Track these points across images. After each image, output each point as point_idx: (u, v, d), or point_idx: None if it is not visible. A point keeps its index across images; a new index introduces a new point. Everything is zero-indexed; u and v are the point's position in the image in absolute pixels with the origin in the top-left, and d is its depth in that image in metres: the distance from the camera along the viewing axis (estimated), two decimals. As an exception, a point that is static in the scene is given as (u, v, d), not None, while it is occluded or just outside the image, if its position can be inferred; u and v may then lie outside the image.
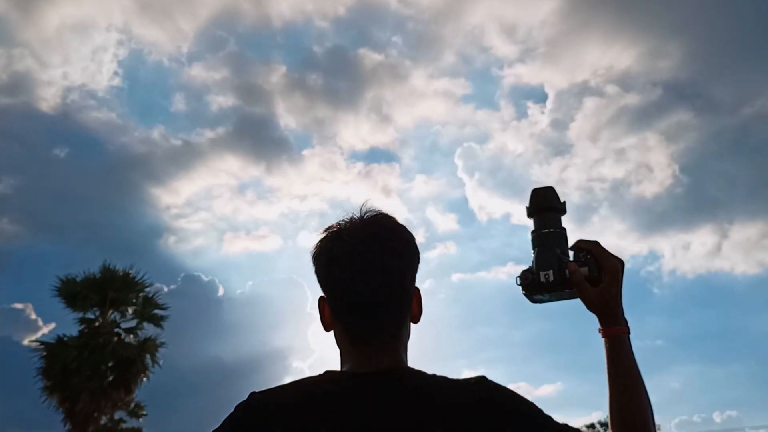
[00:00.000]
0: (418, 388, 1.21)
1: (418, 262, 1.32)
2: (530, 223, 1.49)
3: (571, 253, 1.42)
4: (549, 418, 1.24)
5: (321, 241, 1.32)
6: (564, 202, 1.48)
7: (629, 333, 1.44)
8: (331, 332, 1.32)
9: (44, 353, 16.93)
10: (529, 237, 1.45)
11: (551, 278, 1.38)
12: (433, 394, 1.20)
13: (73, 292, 17.42)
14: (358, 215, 1.31)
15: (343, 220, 1.32)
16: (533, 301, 1.44)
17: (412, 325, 1.34)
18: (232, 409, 1.22)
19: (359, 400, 1.17)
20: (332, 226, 1.32)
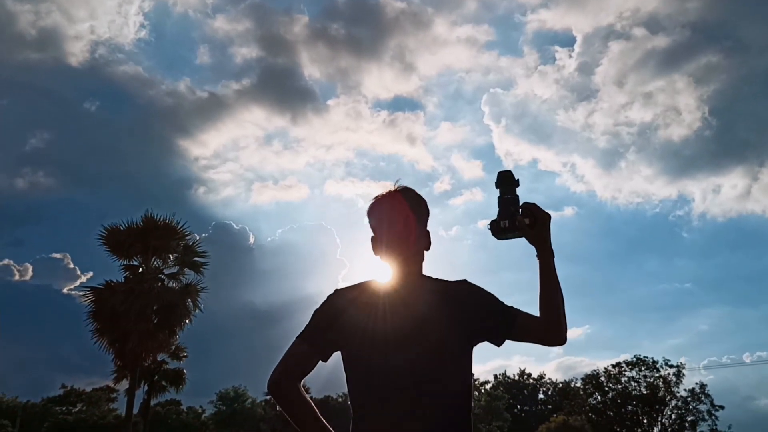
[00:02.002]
0: (426, 284, 2.16)
1: (428, 215, 2.24)
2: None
3: (521, 211, 2.28)
4: (501, 301, 2.20)
5: (372, 204, 2.22)
6: (518, 179, 2.33)
7: (554, 257, 2.27)
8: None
9: (93, 298, 17.96)
10: (496, 201, 2.32)
11: (506, 225, 2.28)
12: (434, 285, 2.17)
13: (117, 241, 18.37)
14: (393, 188, 2.22)
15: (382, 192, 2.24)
16: (498, 239, 2.34)
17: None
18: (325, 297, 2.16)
19: (391, 294, 2.11)
20: (377, 195, 2.24)
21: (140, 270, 18.80)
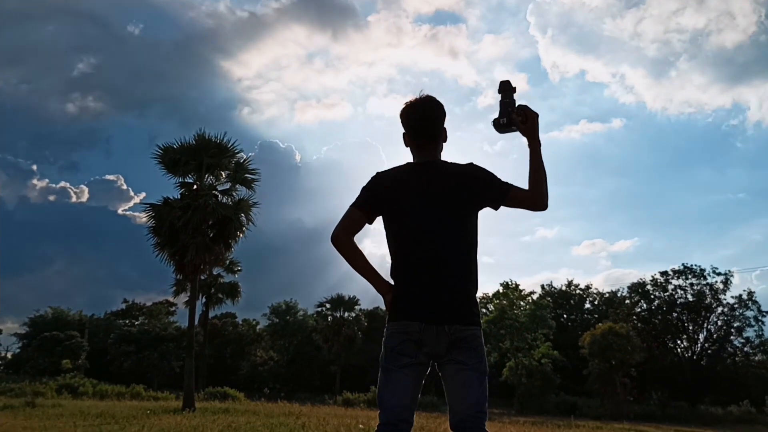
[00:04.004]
0: (443, 166, 2.93)
1: (445, 116, 3.00)
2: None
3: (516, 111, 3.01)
4: (499, 178, 2.90)
5: (402, 108, 2.98)
6: (515, 87, 3.03)
7: (540, 146, 2.96)
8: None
9: (153, 214, 18.86)
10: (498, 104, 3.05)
11: (504, 121, 3.02)
12: (449, 168, 2.91)
13: (172, 159, 19.09)
14: (419, 96, 2.97)
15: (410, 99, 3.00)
16: (500, 132, 3.05)
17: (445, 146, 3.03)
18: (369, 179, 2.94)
19: (417, 174, 2.89)
20: (407, 102, 2.99)
21: (194, 187, 19.56)
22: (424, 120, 2.94)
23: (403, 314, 2.75)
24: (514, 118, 2.97)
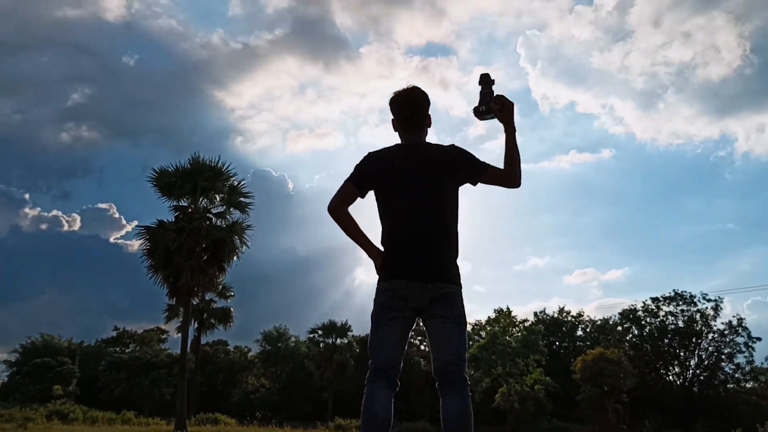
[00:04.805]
0: (428, 146, 3.32)
1: (429, 104, 3.37)
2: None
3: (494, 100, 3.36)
4: (477, 158, 3.29)
5: (391, 96, 3.37)
6: (494, 80, 3.36)
7: (516, 132, 3.30)
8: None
9: (147, 236, 19.04)
10: (478, 95, 3.37)
11: (483, 109, 3.34)
12: (433, 148, 3.30)
13: (167, 182, 19.34)
14: (405, 86, 3.36)
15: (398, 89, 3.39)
16: (480, 119, 3.38)
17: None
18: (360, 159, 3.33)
19: (404, 153, 3.28)
20: (395, 91, 3.38)
21: (189, 210, 19.77)
22: (410, 107, 3.35)
23: (391, 274, 3.13)
24: (492, 106, 3.32)
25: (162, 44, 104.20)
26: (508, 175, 3.27)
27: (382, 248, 3.24)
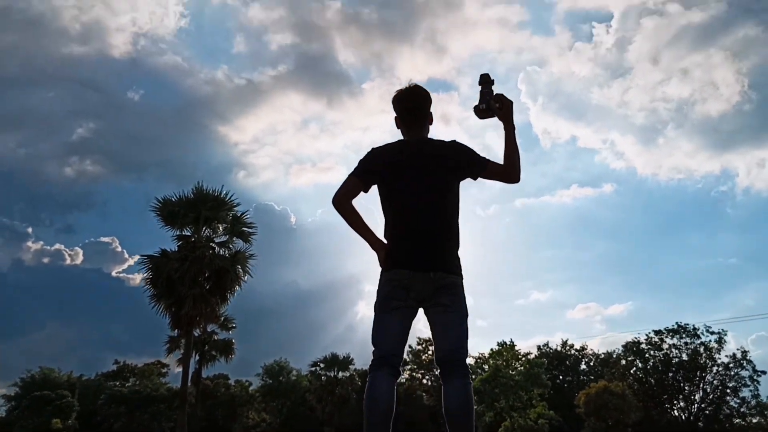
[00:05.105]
0: (430, 142, 3.42)
1: (431, 103, 3.50)
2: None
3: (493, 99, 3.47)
4: (478, 153, 3.40)
5: (394, 95, 3.48)
6: (493, 80, 3.45)
7: (515, 129, 3.40)
8: None
9: (150, 265, 19.06)
10: (478, 95, 3.47)
11: (483, 107, 3.44)
12: (435, 143, 3.41)
13: (170, 211, 19.43)
14: (408, 85, 3.48)
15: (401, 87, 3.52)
16: (480, 118, 3.46)
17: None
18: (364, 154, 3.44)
19: (407, 149, 3.39)
20: (398, 89, 3.53)
21: (192, 239, 19.83)
22: (412, 104, 3.46)
23: (394, 264, 3.21)
24: (492, 104, 3.42)
25: (167, 80, 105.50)
26: (508, 171, 3.38)
27: (385, 241, 3.32)
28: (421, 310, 3.26)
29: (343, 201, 3.33)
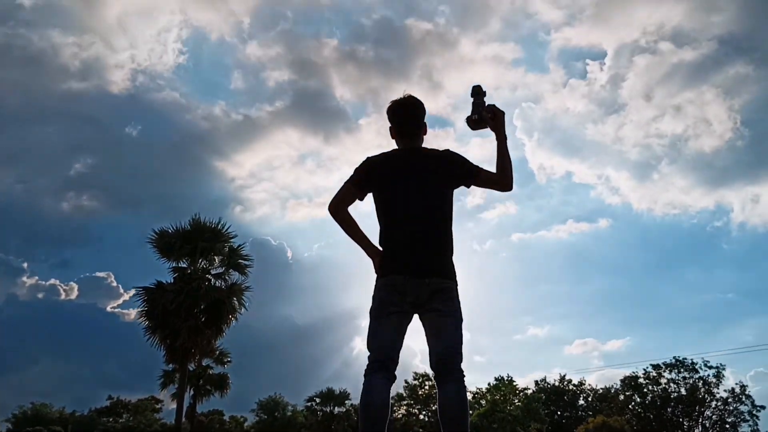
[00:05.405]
0: (424, 152, 3.47)
1: (425, 113, 3.56)
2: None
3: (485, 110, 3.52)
4: (471, 162, 3.45)
5: (389, 105, 3.54)
6: (485, 91, 3.52)
7: (507, 140, 3.45)
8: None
9: (145, 297, 19.01)
10: (471, 107, 3.51)
11: (476, 118, 3.47)
12: (429, 152, 3.47)
13: (167, 243, 19.44)
14: (402, 96, 3.52)
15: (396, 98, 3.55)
16: (472, 129, 3.51)
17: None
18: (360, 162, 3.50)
19: (402, 157, 3.46)
20: (393, 99, 3.55)
21: (188, 271, 19.81)
22: (406, 117, 3.53)
23: (389, 270, 3.26)
24: (485, 115, 3.47)
25: (164, 115, 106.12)
26: (500, 180, 3.43)
27: (380, 248, 3.38)
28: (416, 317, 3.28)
29: (338, 208, 3.42)
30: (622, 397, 50.92)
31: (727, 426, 46.69)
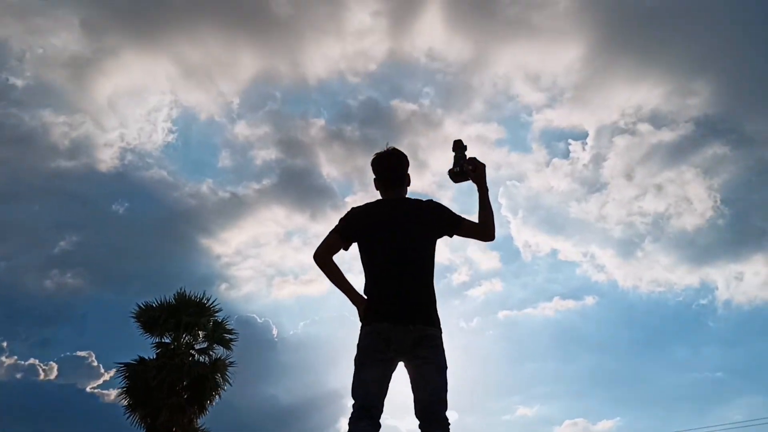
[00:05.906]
0: (408, 202, 3.52)
1: (408, 164, 3.63)
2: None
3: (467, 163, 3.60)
4: (454, 212, 3.51)
5: (373, 158, 3.64)
6: (466, 146, 3.60)
7: (488, 192, 3.50)
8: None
9: (127, 374, 18.45)
10: (453, 161, 3.60)
11: (458, 170, 3.52)
12: (412, 203, 3.52)
13: (150, 317, 19.00)
14: (386, 148, 3.61)
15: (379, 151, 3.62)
16: (455, 182, 3.55)
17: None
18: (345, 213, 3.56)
19: (387, 207, 3.49)
20: (377, 152, 3.63)
21: (171, 346, 19.30)
22: (390, 168, 3.61)
23: (374, 317, 3.27)
24: (466, 167, 3.54)
25: (152, 193, 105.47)
26: (483, 230, 3.51)
27: (365, 296, 3.39)
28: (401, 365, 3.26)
29: (323, 256, 3.47)
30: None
31: None
